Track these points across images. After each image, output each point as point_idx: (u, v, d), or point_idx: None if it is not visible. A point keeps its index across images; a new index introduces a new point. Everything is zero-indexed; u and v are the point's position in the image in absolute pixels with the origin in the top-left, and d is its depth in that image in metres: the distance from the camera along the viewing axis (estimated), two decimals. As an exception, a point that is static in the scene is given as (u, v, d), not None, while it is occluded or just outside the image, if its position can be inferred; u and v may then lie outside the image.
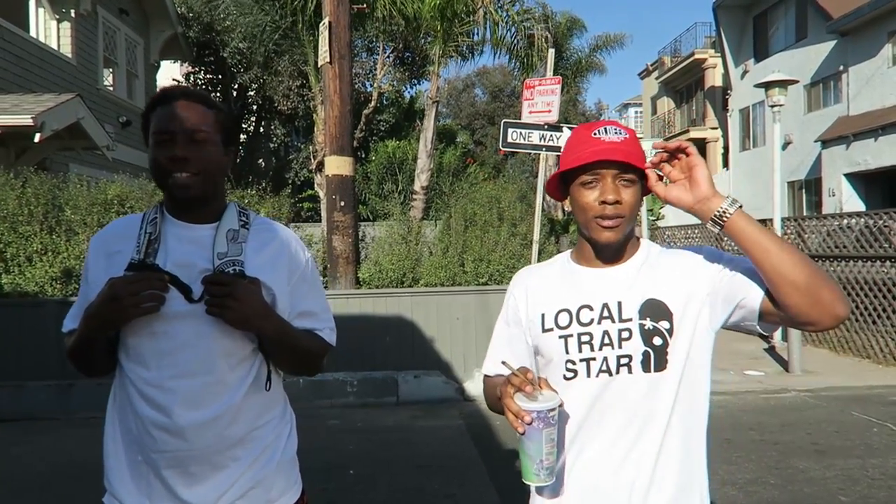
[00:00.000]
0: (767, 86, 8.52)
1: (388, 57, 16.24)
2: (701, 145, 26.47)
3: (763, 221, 10.65)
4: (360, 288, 7.70)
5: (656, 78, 30.37)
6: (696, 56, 26.24)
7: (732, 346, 9.54)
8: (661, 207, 15.86)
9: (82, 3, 11.68)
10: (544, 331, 1.46)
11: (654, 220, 15.59)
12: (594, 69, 22.60)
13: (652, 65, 31.73)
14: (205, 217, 1.53)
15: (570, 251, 1.56)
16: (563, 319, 1.44)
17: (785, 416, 5.99)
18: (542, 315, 1.47)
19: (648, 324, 1.39)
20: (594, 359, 1.40)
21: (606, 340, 1.40)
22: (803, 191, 19.76)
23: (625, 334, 1.39)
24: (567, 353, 1.42)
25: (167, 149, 1.46)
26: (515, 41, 14.39)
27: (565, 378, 1.42)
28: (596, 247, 1.45)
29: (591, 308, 1.43)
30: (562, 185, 1.49)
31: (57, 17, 11.57)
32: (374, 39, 16.19)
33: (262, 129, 21.72)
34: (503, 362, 1.38)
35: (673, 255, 1.49)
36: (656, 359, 1.38)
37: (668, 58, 29.88)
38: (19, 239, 6.91)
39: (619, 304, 1.41)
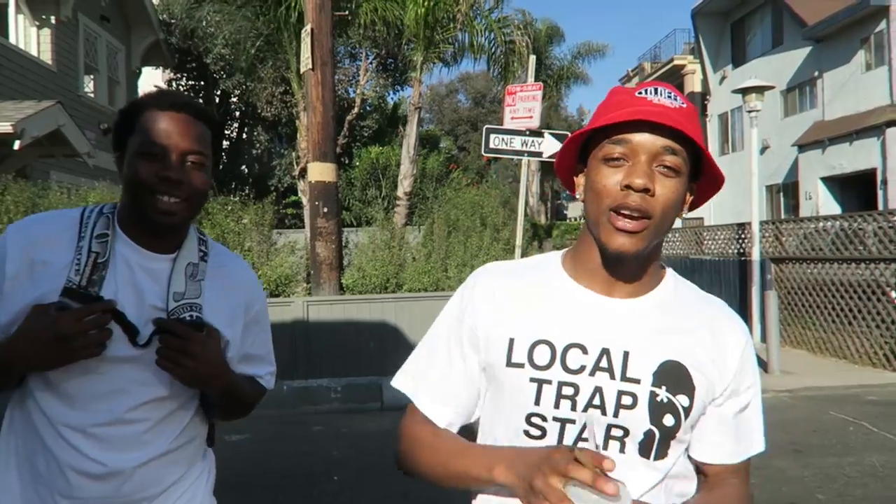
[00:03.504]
0: (745, 91, 8.68)
1: (371, 63, 16.29)
2: (681, 150, 26.76)
3: (742, 225, 10.83)
4: (343, 294, 7.71)
5: (637, 84, 30.66)
6: (676, 62, 26.55)
7: (713, 349, 9.67)
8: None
9: (63, 9, 11.60)
10: (510, 364, 1.04)
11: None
12: (576, 78, 22.82)
13: (633, 71, 32.06)
14: (165, 246, 1.32)
15: (561, 255, 1.14)
16: (542, 356, 1.02)
17: (764, 416, 6.08)
18: (511, 341, 1.05)
19: (663, 395, 1.00)
20: (573, 421, 1.01)
21: (597, 401, 1.00)
22: (781, 194, 20.05)
23: (626, 400, 1.00)
24: (537, 404, 1.01)
25: (157, 166, 1.25)
26: (494, 48, 14.53)
27: (527, 436, 1.03)
28: (605, 257, 1.03)
29: (584, 350, 1.02)
30: (579, 165, 1.08)
31: (37, 23, 11.48)
32: (357, 46, 16.24)
33: (245, 136, 21.65)
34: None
35: (707, 304, 1.12)
36: (660, 444, 1.00)
37: (649, 64, 30.21)
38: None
39: (626, 355, 1.01)
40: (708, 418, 1.06)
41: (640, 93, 1.01)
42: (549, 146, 7.50)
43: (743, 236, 10.75)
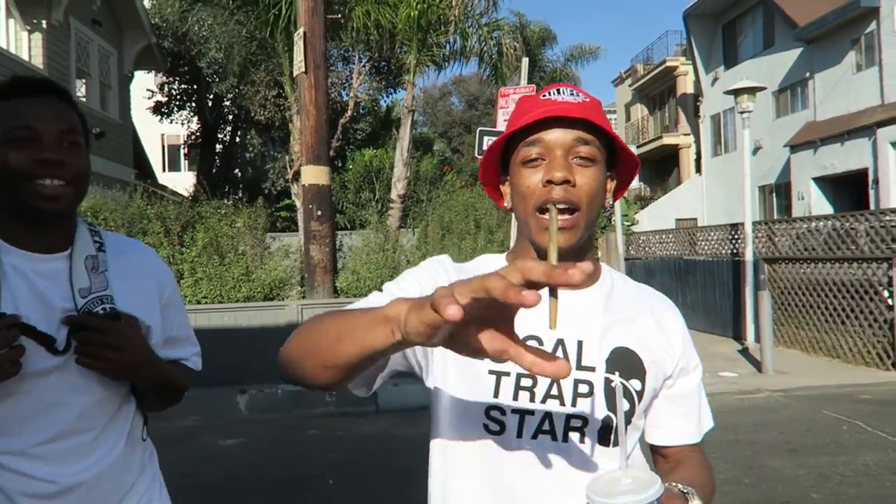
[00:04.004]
0: (737, 92, 8.73)
1: (364, 66, 16.29)
2: (674, 151, 26.89)
3: (735, 225, 10.87)
4: (337, 297, 7.70)
5: (630, 85, 30.79)
6: (668, 64, 26.67)
7: (707, 349, 9.70)
8: (637, 213, 16.07)
9: (54, 14, 11.56)
10: None
11: (628, 226, 15.79)
12: (568, 80, 22.87)
13: (625, 72, 32.18)
14: (55, 242, 1.23)
15: (504, 257, 1.15)
16: None
17: (758, 416, 6.11)
18: None
19: (617, 380, 1.04)
20: (531, 413, 1.01)
21: (555, 392, 1.02)
22: (773, 195, 20.16)
23: (583, 388, 1.02)
24: (496, 396, 1.01)
25: (31, 150, 1.16)
26: (485, 51, 14.59)
27: (487, 431, 1.02)
28: (541, 255, 1.03)
29: (540, 342, 1.03)
30: (502, 176, 1.10)
31: (28, 28, 11.44)
32: (350, 49, 16.24)
33: (238, 139, 21.61)
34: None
35: (645, 293, 1.17)
36: (617, 431, 1.02)
37: (641, 65, 30.32)
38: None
39: (580, 344, 1.04)
40: (664, 403, 1.11)
41: (544, 95, 1.05)
42: (543, 148, 7.51)
43: (736, 237, 10.80)
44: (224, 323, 7.05)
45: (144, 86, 19.92)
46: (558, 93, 1.04)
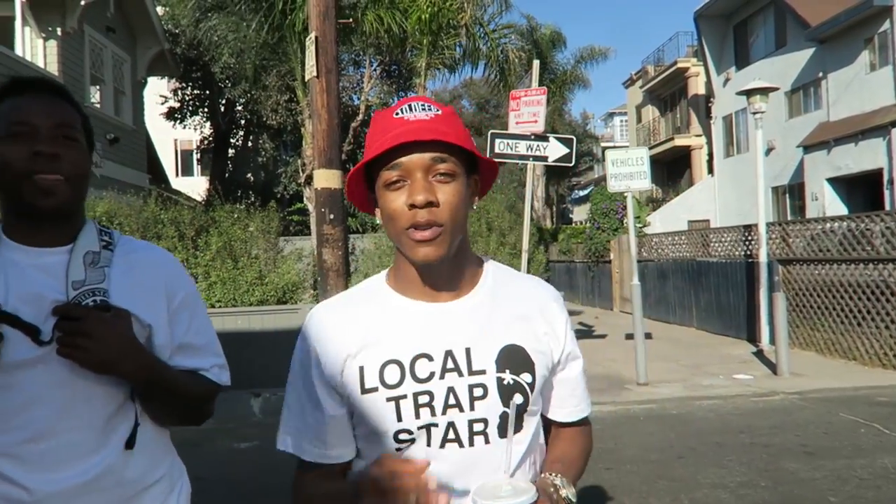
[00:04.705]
0: (749, 93, 8.67)
1: (375, 70, 16.36)
2: (686, 153, 26.76)
3: (748, 227, 10.80)
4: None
5: (640, 87, 30.69)
6: (679, 65, 26.55)
7: (721, 351, 9.64)
8: (649, 214, 15.98)
9: (69, 21, 11.69)
10: (364, 391, 1.08)
11: (640, 228, 15.72)
12: (578, 82, 22.85)
13: (636, 74, 32.07)
14: (57, 238, 1.23)
15: (385, 275, 1.19)
16: (392, 375, 1.07)
17: (774, 418, 6.06)
18: (361, 369, 1.08)
19: (508, 377, 1.09)
20: (436, 425, 1.07)
21: (452, 401, 1.07)
22: (787, 195, 20.00)
23: (478, 392, 1.07)
24: (400, 420, 1.06)
25: (26, 146, 1.16)
26: (493, 55, 14.63)
27: (397, 450, 1.08)
28: (418, 269, 1.09)
29: (429, 358, 1.08)
30: (371, 194, 1.13)
31: (43, 35, 11.57)
32: (361, 53, 16.31)
33: (250, 144, 21.74)
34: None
35: (527, 285, 1.22)
36: (515, 421, 1.07)
37: (652, 67, 30.21)
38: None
39: (468, 351, 1.09)
40: (559, 386, 1.20)
41: (397, 113, 1.08)
42: (555, 150, 7.51)
43: (749, 238, 10.71)
44: (238, 326, 7.09)
45: (157, 91, 20.12)
46: (410, 109, 1.07)
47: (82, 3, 11.52)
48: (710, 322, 11.58)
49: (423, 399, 1.07)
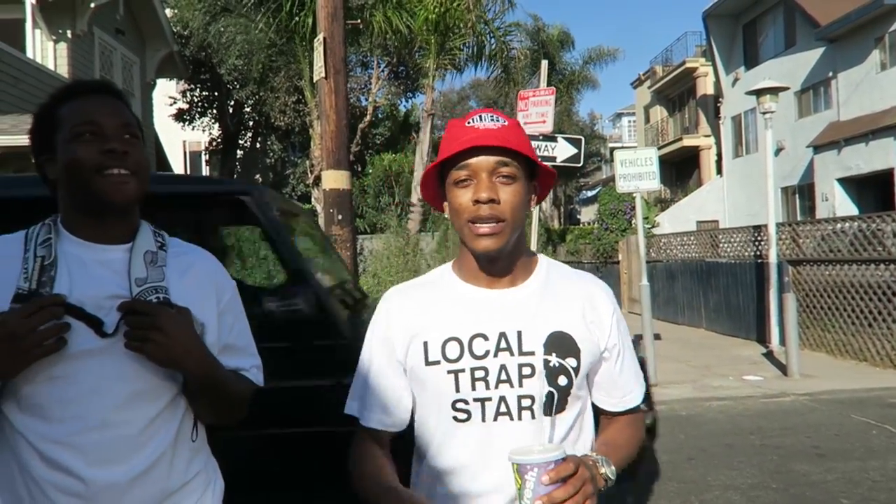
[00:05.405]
0: (758, 93, 8.62)
1: (383, 71, 16.39)
2: (694, 153, 26.65)
3: (758, 227, 10.74)
4: (359, 301, 7.73)
5: (649, 87, 30.59)
6: (688, 65, 26.44)
7: (731, 352, 9.59)
8: (657, 215, 15.92)
9: (78, 24, 11.76)
10: (428, 363, 1.23)
11: (649, 228, 15.68)
12: (587, 83, 22.79)
13: (644, 74, 31.97)
14: (117, 236, 1.27)
15: (451, 264, 1.35)
16: (453, 350, 1.21)
17: (785, 420, 6.03)
18: (425, 344, 1.24)
19: (554, 360, 1.21)
20: (489, 399, 1.20)
21: (504, 377, 1.20)
22: (797, 196, 19.88)
23: (526, 371, 1.20)
24: (458, 391, 1.20)
25: (98, 144, 1.22)
26: (500, 54, 14.62)
27: (456, 420, 1.22)
28: (478, 259, 1.24)
29: (485, 338, 1.22)
30: (441, 190, 1.27)
31: (54, 38, 11.65)
32: (369, 54, 16.33)
33: (258, 145, 21.82)
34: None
35: (577, 279, 1.34)
36: (559, 401, 1.21)
37: (660, 67, 30.10)
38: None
39: (520, 334, 1.22)
40: (606, 376, 1.30)
41: (469, 123, 1.22)
42: (563, 150, 7.49)
43: (759, 238, 10.65)
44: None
45: (166, 93, 20.20)
46: (480, 119, 1.21)
47: (92, 5, 11.59)
48: (719, 323, 11.53)
49: (479, 374, 1.20)
